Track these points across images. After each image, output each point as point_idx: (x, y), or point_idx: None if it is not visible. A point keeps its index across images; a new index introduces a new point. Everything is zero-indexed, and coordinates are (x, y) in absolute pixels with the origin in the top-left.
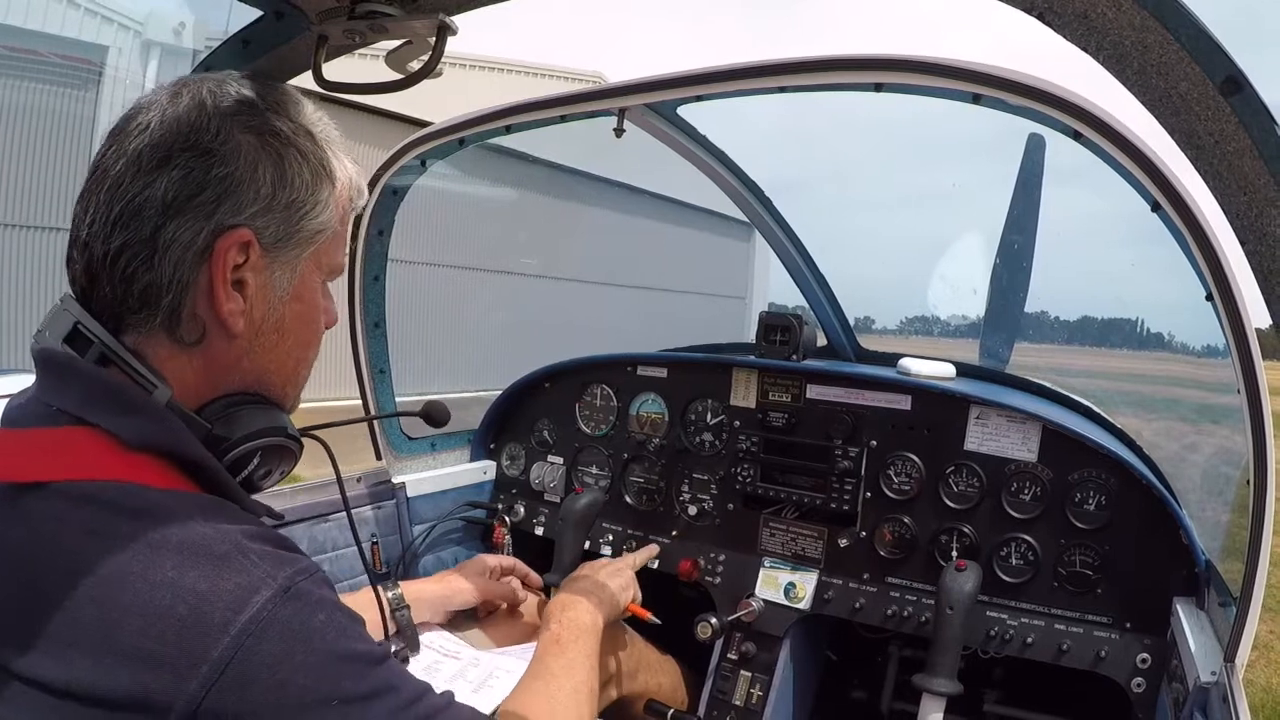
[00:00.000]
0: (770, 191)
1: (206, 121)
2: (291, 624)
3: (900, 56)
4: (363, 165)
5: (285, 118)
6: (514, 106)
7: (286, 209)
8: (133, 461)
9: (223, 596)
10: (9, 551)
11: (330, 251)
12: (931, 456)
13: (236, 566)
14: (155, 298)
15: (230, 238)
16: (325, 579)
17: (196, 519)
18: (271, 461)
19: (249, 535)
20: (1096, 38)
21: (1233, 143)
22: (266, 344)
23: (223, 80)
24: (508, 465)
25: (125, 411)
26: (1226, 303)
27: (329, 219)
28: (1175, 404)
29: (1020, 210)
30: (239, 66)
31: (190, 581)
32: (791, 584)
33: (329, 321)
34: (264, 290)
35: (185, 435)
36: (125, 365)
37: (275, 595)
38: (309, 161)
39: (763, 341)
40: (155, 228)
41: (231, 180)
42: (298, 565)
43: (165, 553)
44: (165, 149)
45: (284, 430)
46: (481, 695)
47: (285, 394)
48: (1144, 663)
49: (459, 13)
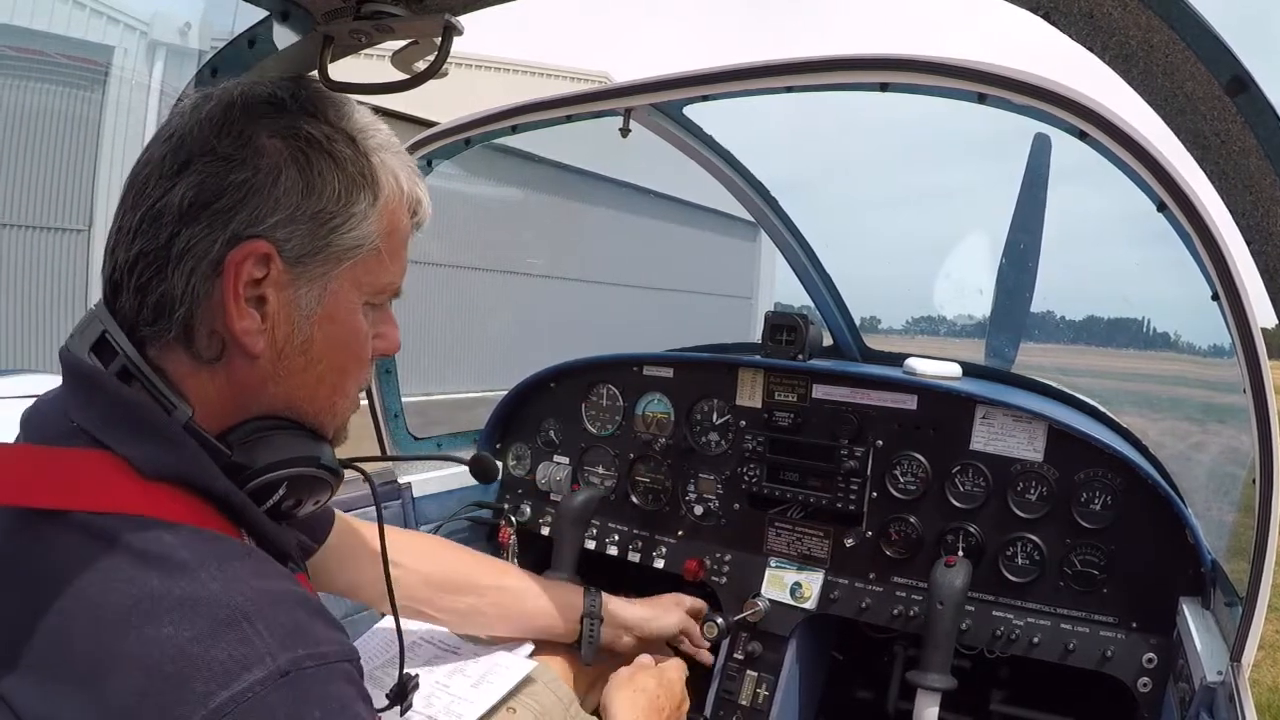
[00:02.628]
0: (776, 191)
1: (230, 124)
2: (277, 713)
3: (906, 56)
4: None
5: (321, 121)
6: (520, 106)
7: (313, 220)
8: (151, 492)
9: (211, 665)
10: (18, 576)
11: (371, 269)
12: (937, 456)
13: (237, 635)
14: (169, 310)
15: (245, 249)
16: (348, 672)
17: (209, 569)
18: (302, 492)
19: (269, 598)
20: (1102, 37)
21: (1238, 142)
22: (293, 367)
23: (259, 82)
24: (513, 465)
25: (142, 437)
26: (1232, 302)
27: (367, 233)
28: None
29: (1026, 210)
30: (244, 67)
31: (183, 641)
32: (797, 584)
33: (383, 348)
34: (288, 308)
35: (203, 463)
36: (146, 381)
37: (269, 677)
38: (344, 169)
39: (768, 341)
40: (170, 235)
41: (250, 187)
42: (313, 648)
43: (167, 606)
44: (186, 153)
45: (314, 461)
46: (480, 690)
47: (321, 424)
48: (1150, 662)
49: (465, 13)
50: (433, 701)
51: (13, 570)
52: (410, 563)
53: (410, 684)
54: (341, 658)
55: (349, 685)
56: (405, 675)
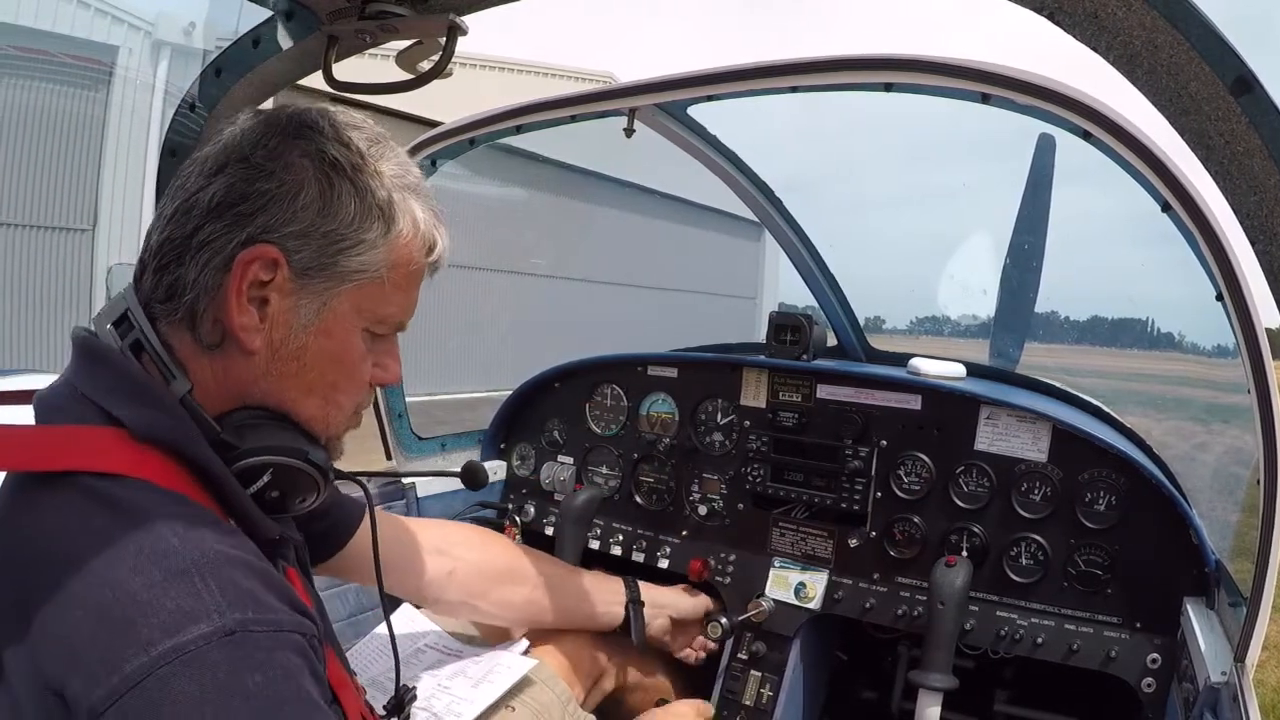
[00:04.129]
0: (780, 191)
1: (267, 139)
2: (218, 671)
3: (910, 56)
4: None
5: (353, 152)
6: (524, 106)
7: (324, 238)
8: (140, 455)
9: (159, 613)
10: (17, 538)
11: (373, 297)
12: (941, 456)
13: (187, 588)
14: (179, 293)
15: (255, 251)
16: (297, 643)
17: (172, 526)
18: (284, 484)
19: (227, 560)
20: (1107, 37)
21: (1243, 143)
22: (285, 370)
23: (306, 107)
24: (518, 465)
25: (140, 402)
26: (1237, 302)
27: (372, 261)
28: (1185, 404)
29: (1030, 210)
30: (249, 67)
31: (135, 587)
32: (802, 584)
33: (382, 378)
34: (286, 315)
35: (192, 434)
36: (153, 352)
37: (214, 633)
38: (363, 198)
39: (773, 341)
40: (195, 228)
41: (271, 196)
42: (264, 614)
43: (126, 552)
44: (225, 157)
45: (301, 454)
46: (480, 690)
47: (313, 430)
48: (1154, 663)
49: (469, 13)
50: (433, 703)
51: (4, 530)
52: (461, 553)
53: (408, 696)
54: (293, 628)
55: (297, 656)
56: (403, 688)
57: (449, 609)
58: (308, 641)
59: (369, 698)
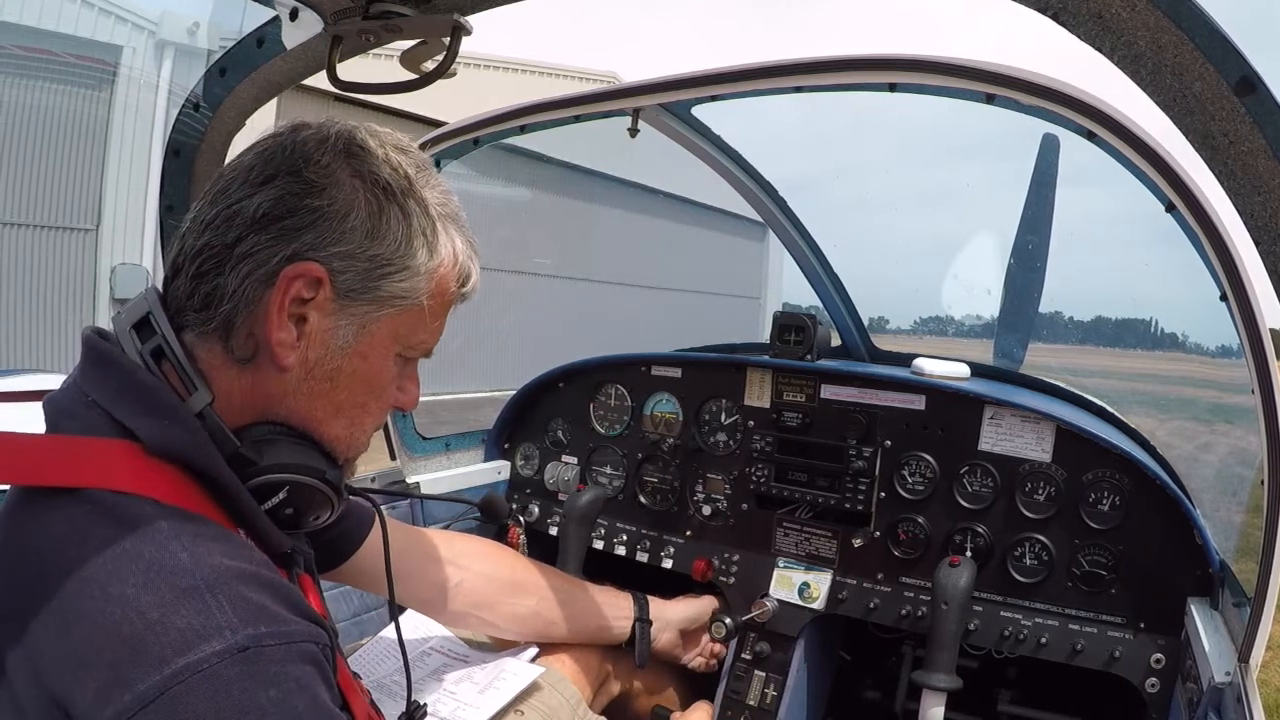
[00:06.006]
0: (784, 191)
1: (319, 155)
2: (231, 689)
3: (914, 57)
4: None
5: (401, 176)
6: (528, 106)
7: (370, 261)
8: (150, 470)
9: (169, 631)
10: (23, 550)
11: (411, 323)
12: (945, 456)
13: (198, 605)
14: (216, 303)
15: (300, 268)
16: (311, 653)
17: (181, 541)
18: (300, 502)
19: (238, 576)
20: (1110, 38)
21: (1247, 143)
22: (316, 389)
23: (360, 127)
24: (522, 465)
25: (152, 413)
26: (1241, 303)
27: (415, 288)
28: (1189, 404)
29: (1034, 210)
30: (253, 66)
31: (145, 605)
32: (806, 584)
33: (401, 402)
34: (324, 334)
35: (208, 448)
36: (175, 360)
37: (227, 650)
38: (410, 224)
39: (777, 341)
40: (238, 238)
41: (321, 214)
42: (276, 627)
43: (133, 568)
44: (273, 168)
45: (319, 474)
46: (487, 696)
47: (334, 450)
48: (1158, 663)
49: (473, 13)
50: (438, 707)
51: (10, 540)
52: (470, 564)
53: (419, 714)
54: (306, 638)
55: (310, 665)
56: (413, 704)
57: (456, 619)
58: (320, 649)
59: (374, 699)
